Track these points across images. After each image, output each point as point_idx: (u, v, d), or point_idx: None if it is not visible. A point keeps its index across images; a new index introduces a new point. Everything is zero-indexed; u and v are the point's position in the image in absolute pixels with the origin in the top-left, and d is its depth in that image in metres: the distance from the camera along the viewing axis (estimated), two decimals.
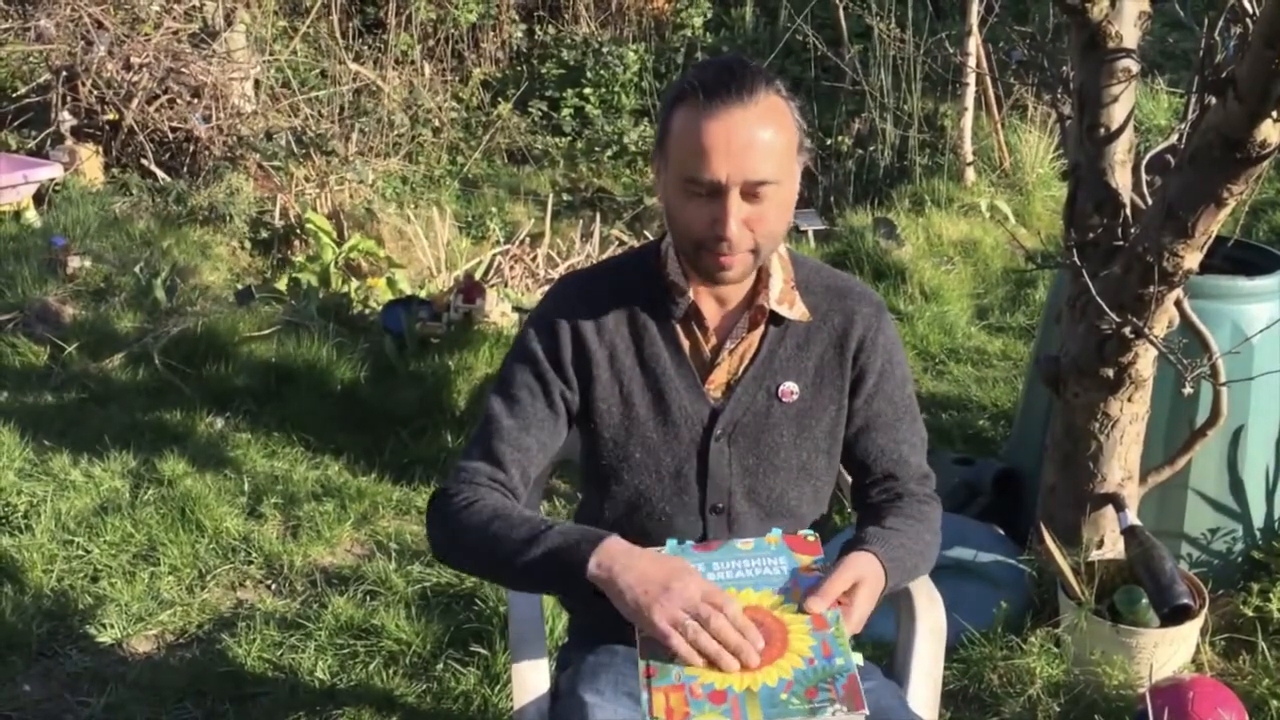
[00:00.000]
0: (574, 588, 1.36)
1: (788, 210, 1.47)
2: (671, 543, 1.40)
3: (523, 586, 1.57)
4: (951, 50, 5.77)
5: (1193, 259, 2.23)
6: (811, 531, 1.42)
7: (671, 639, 1.26)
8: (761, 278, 1.54)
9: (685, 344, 1.55)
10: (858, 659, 1.29)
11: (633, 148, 6.74)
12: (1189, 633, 2.44)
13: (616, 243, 5.36)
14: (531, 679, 1.61)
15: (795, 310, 1.54)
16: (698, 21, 7.60)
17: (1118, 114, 2.41)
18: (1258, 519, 2.77)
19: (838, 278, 1.62)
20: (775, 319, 1.54)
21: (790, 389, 1.54)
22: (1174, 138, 2.47)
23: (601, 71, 7.34)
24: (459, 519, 1.46)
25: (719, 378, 1.55)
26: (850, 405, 1.58)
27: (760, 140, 1.38)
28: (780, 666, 1.26)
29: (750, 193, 1.40)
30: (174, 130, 5.89)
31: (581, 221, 5.71)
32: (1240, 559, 2.77)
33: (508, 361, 1.58)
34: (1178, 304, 2.43)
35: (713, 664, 1.26)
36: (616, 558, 1.33)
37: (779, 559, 1.37)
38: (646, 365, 1.54)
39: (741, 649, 1.25)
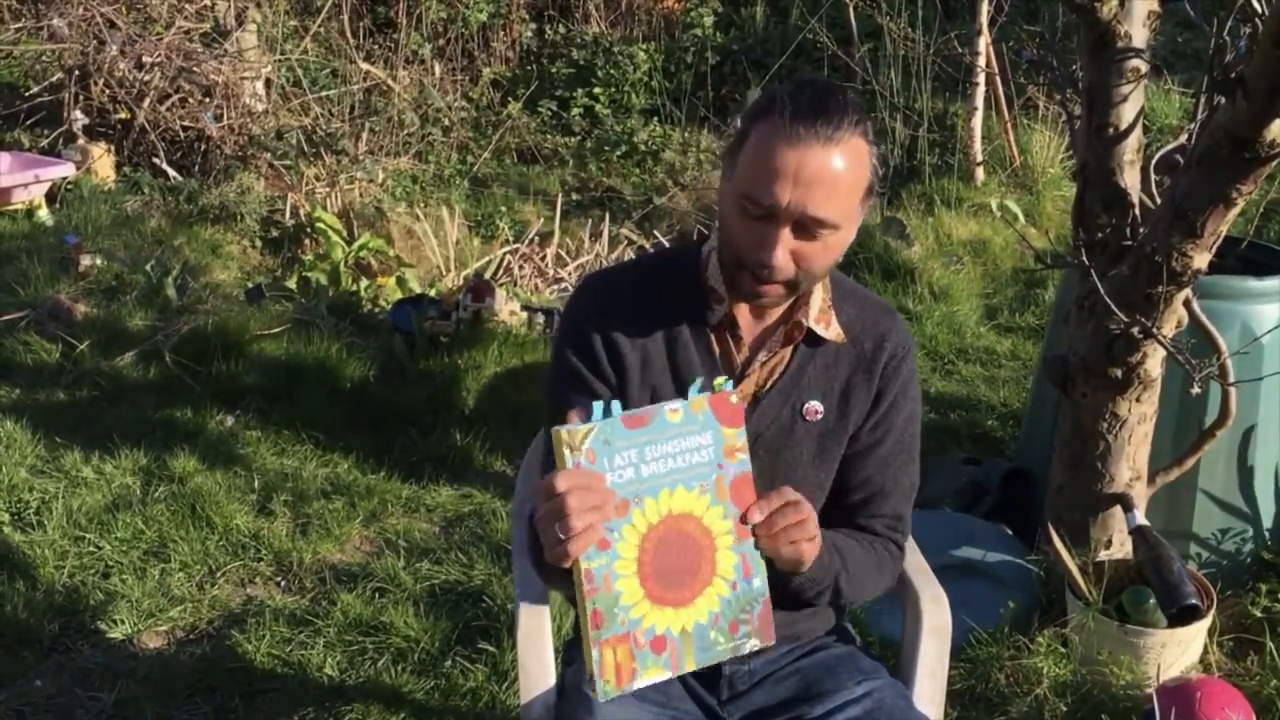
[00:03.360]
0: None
1: (838, 251, 1.43)
2: (598, 406, 1.29)
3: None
4: (961, 50, 5.76)
5: (1201, 259, 2.23)
6: (728, 382, 1.32)
7: (568, 552, 1.22)
8: (802, 294, 1.51)
9: (717, 351, 1.52)
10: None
11: (642, 147, 6.74)
12: (1197, 633, 2.43)
13: (625, 242, 5.37)
14: (538, 675, 1.62)
15: (830, 330, 1.52)
16: (708, 21, 7.59)
17: (1126, 113, 2.41)
18: (1266, 519, 2.77)
19: (869, 299, 1.59)
20: (810, 337, 1.52)
21: (815, 408, 1.52)
22: (1183, 137, 2.47)
23: (611, 71, 7.34)
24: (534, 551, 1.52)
25: (746, 389, 1.53)
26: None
27: (830, 178, 1.35)
28: (709, 597, 1.30)
29: (805, 228, 1.37)
30: (185, 129, 5.91)
31: (591, 221, 5.71)
32: (1249, 559, 2.77)
33: (551, 387, 1.55)
34: (1186, 304, 2.43)
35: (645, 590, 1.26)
36: None
37: (706, 434, 1.30)
38: (678, 370, 1.51)
39: (604, 501, 1.22)
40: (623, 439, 1.27)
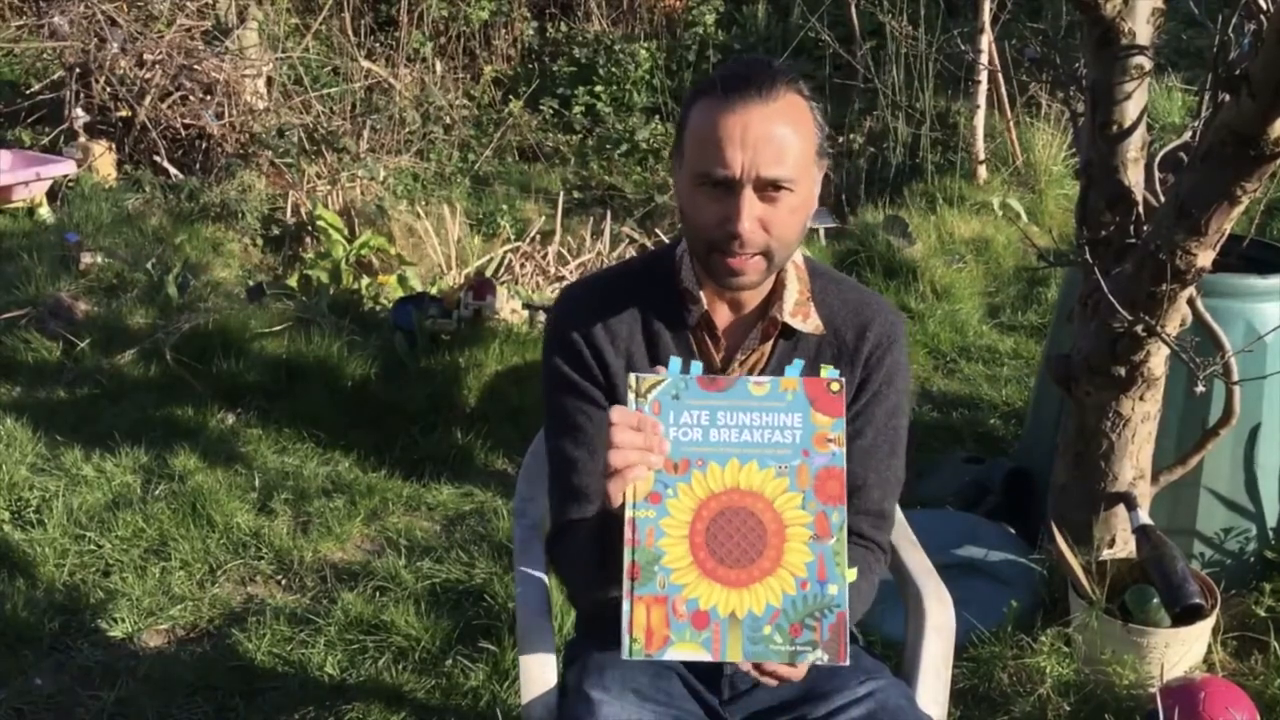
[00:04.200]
0: None
1: (803, 215, 1.43)
2: (674, 362, 1.27)
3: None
4: (964, 47, 5.74)
5: (1205, 257, 2.22)
6: (836, 375, 1.27)
7: (609, 490, 1.23)
8: (776, 288, 1.51)
9: (696, 352, 1.52)
10: (851, 575, 1.25)
11: (644, 145, 6.73)
12: (1200, 632, 2.43)
13: (627, 240, 5.36)
14: (539, 675, 1.61)
15: (809, 324, 1.51)
16: (710, 19, 7.59)
17: (1130, 111, 2.40)
18: (1271, 518, 2.76)
19: (858, 292, 1.57)
20: (788, 331, 1.51)
21: None
22: (1187, 135, 2.46)
23: (613, 69, 7.34)
24: (561, 572, 1.59)
25: None
26: None
27: (777, 136, 1.36)
28: (770, 587, 1.21)
29: (765, 191, 1.37)
30: (187, 127, 5.91)
31: (592, 219, 5.70)
32: (1253, 558, 2.76)
33: (548, 396, 1.55)
34: (1190, 302, 2.42)
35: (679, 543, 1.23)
36: None
37: (794, 414, 1.24)
38: None
39: (649, 446, 1.23)
40: (694, 397, 1.24)
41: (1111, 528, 2.63)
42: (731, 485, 1.23)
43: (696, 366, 1.27)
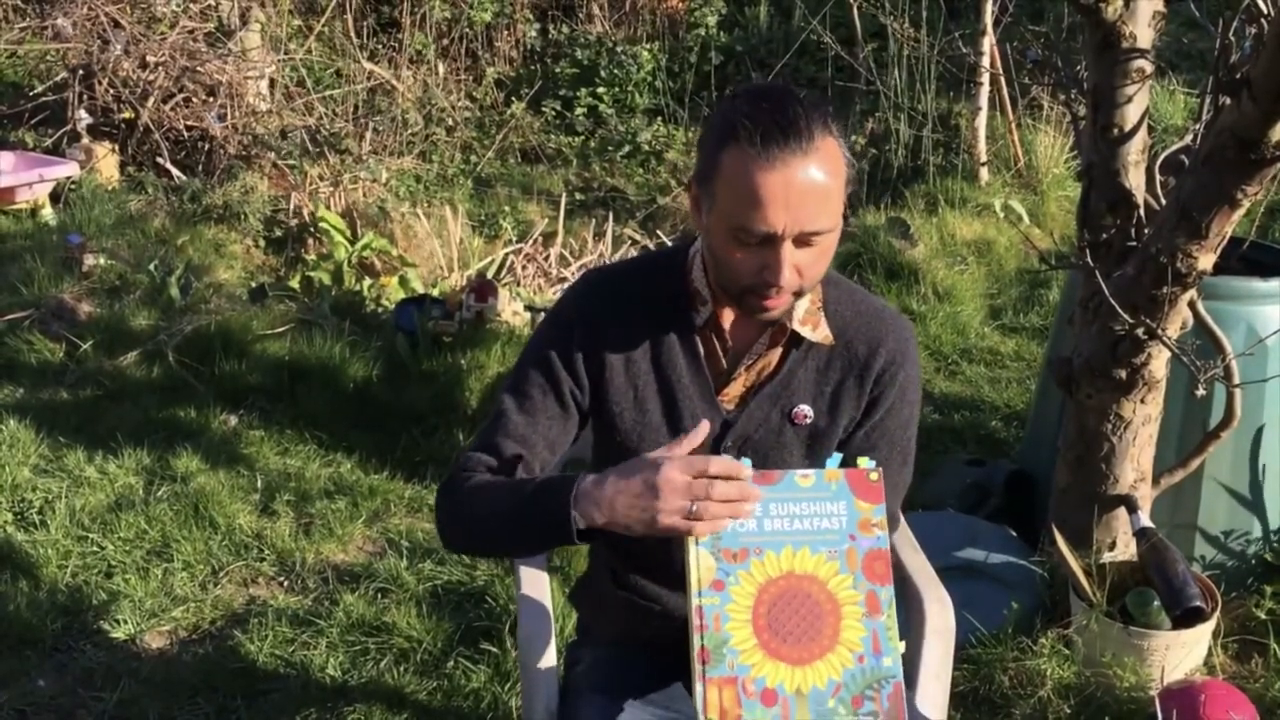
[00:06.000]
0: (566, 540, 1.37)
1: (833, 252, 1.42)
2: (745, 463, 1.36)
3: (520, 550, 1.63)
4: (966, 50, 5.74)
5: (1206, 260, 2.22)
6: (873, 465, 1.36)
7: (694, 529, 1.30)
8: None
9: (702, 353, 1.51)
10: (901, 647, 1.32)
11: (646, 147, 6.74)
12: (1201, 635, 2.43)
13: (629, 242, 5.36)
14: (541, 677, 1.61)
15: (818, 333, 1.50)
16: (712, 21, 7.59)
17: (1131, 114, 2.40)
18: (1272, 521, 2.76)
19: (870, 303, 1.56)
20: (796, 340, 1.51)
21: (804, 412, 1.51)
22: (1188, 138, 2.46)
23: (615, 71, 7.34)
24: (453, 500, 1.49)
25: (734, 391, 1.52)
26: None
27: (818, 190, 1.32)
28: (830, 663, 1.28)
29: (804, 241, 1.35)
30: (189, 129, 5.91)
31: (594, 221, 5.71)
32: (1253, 561, 2.76)
33: (522, 357, 1.56)
34: (1191, 305, 2.42)
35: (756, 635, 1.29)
36: (592, 499, 1.34)
37: (839, 503, 1.33)
38: (662, 371, 1.51)
39: (747, 497, 1.31)
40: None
41: (1112, 530, 2.63)
42: (787, 570, 1.31)
43: (747, 463, 1.34)
